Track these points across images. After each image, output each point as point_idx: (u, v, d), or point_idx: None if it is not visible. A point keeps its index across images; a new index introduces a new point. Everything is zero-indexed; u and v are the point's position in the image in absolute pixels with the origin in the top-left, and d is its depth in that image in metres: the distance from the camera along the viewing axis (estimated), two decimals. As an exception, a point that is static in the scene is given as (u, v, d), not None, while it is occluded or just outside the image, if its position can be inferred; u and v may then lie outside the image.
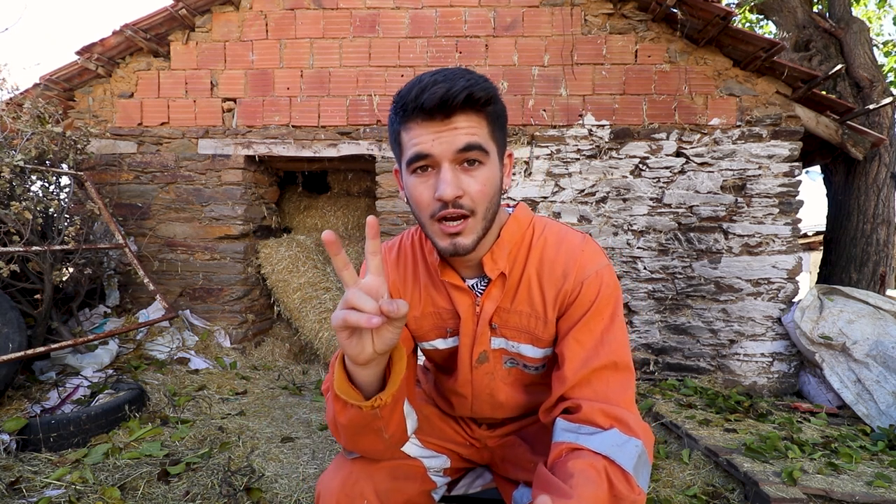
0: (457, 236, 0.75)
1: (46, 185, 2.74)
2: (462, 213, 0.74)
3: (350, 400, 0.71)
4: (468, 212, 0.74)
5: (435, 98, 0.69)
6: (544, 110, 3.05)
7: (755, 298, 2.97)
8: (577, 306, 0.82)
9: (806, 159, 3.44)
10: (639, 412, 0.79)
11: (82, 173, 2.81)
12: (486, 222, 0.78)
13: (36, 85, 3.04)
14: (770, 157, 2.95)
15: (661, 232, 3.01)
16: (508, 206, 0.93)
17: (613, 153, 3.02)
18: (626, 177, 3.02)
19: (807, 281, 8.23)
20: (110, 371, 2.45)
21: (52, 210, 2.65)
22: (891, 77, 6.24)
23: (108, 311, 2.99)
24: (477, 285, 0.89)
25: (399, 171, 0.84)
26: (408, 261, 0.95)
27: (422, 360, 1.11)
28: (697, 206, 2.98)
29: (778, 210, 2.94)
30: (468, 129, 0.72)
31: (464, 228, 0.75)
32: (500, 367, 0.93)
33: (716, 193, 2.98)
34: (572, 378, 0.78)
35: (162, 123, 3.17)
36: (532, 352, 0.89)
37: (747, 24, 6.42)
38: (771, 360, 2.97)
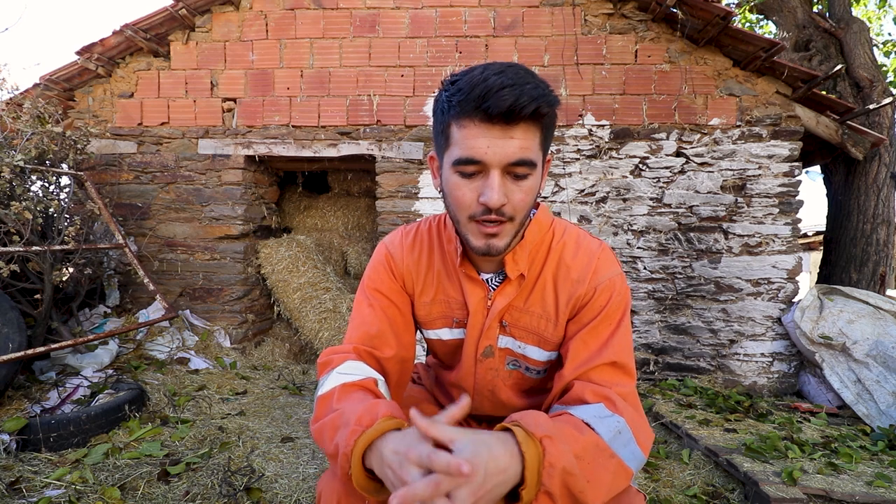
0: (492, 237, 0.77)
1: (46, 185, 2.73)
2: (502, 218, 0.75)
3: (368, 495, 0.68)
4: (507, 218, 0.76)
5: (502, 106, 0.67)
6: (544, 110, 3.04)
7: (755, 298, 2.97)
8: (587, 310, 0.85)
9: (806, 159, 3.44)
10: (643, 409, 0.79)
11: (82, 173, 2.80)
12: (520, 227, 0.80)
13: (36, 85, 3.04)
14: (770, 157, 2.95)
15: (661, 232, 3.01)
16: None
17: (613, 153, 3.02)
18: (626, 177, 3.02)
19: (807, 281, 8.22)
20: (110, 371, 2.45)
21: (52, 210, 2.65)
22: (891, 77, 6.24)
23: (108, 311, 2.99)
24: (492, 280, 0.91)
25: (436, 159, 0.84)
26: (423, 246, 0.96)
27: (422, 357, 1.11)
28: (697, 206, 2.98)
29: (778, 210, 2.94)
30: (524, 141, 0.71)
31: (501, 231, 0.77)
32: (502, 367, 0.94)
33: (716, 193, 2.98)
34: (571, 375, 0.80)
35: (162, 123, 3.17)
36: (538, 354, 0.90)
37: (747, 24, 6.42)
38: (771, 360, 2.97)
